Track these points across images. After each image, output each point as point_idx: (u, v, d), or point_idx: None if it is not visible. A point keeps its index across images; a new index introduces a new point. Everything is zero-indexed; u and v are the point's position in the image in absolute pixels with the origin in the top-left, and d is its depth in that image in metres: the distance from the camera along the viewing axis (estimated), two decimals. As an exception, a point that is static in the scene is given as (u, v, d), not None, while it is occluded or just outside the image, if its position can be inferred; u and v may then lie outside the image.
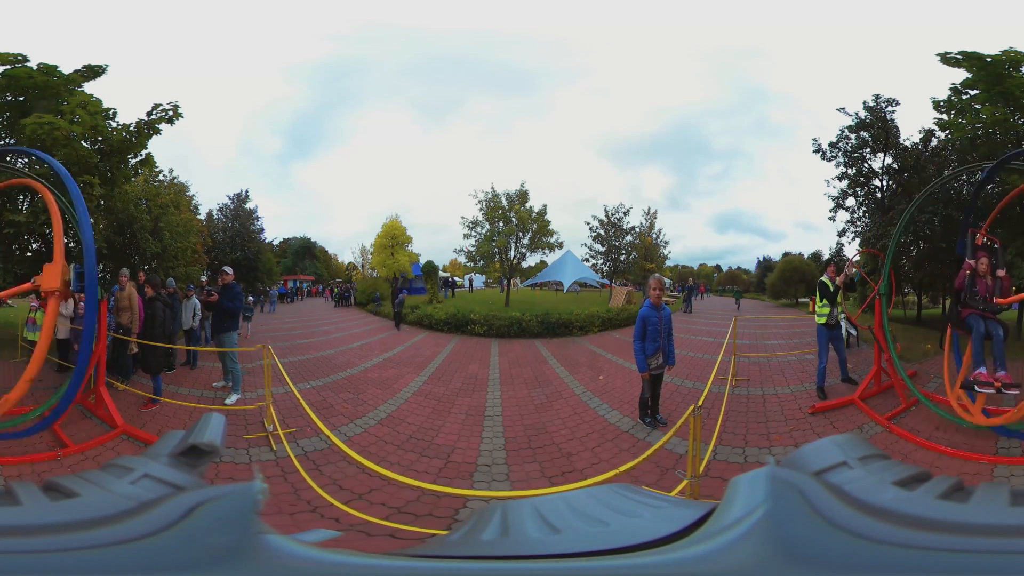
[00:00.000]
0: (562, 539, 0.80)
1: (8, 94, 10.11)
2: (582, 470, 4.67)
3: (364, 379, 8.47)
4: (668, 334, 5.71)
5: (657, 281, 5.74)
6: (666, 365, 5.71)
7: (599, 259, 23.56)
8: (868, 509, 0.64)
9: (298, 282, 36.87)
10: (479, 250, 20.49)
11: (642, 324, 5.54)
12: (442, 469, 4.75)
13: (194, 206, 18.79)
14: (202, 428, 0.90)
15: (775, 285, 27.22)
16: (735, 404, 6.33)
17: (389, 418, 6.28)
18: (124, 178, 11.75)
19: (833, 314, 6.97)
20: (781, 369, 8.34)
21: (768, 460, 0.83)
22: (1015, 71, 10.35)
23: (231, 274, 7.39)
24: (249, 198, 25.59)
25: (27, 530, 0.62)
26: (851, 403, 6.07)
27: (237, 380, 7.09)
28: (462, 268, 35.73)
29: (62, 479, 0.73)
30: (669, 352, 5.73)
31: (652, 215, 25.99)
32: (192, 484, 0.76)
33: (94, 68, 10.79)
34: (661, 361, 5.61)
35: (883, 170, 14.86)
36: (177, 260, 14.42)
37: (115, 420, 5.48)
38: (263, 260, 24.94)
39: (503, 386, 8.06)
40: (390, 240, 26.11)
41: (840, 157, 15.36)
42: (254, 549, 0.62)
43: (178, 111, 11.32)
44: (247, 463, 4.78)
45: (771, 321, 15.10)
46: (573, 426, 5.90)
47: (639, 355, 5.55)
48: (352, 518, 3.74)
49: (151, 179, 14.99)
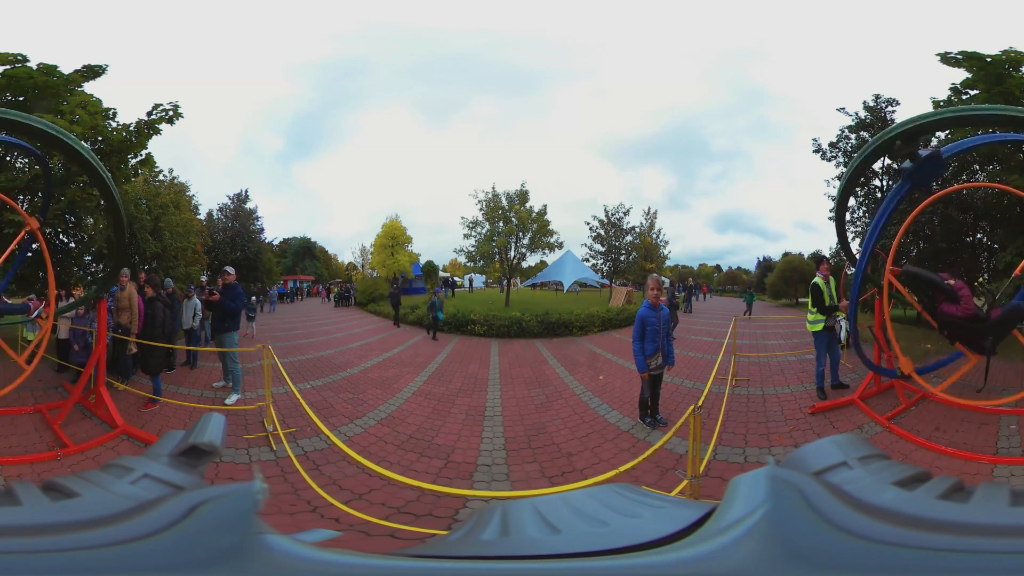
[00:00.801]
0: (562, 539, 0.80)
1: (8, 94, 10.10)
2: (582, 470, 4.67)
3: (364, 379, 8.47)
4: (667, 334, 5.70)
5: (655, 281, 5.73)
6: (666, 365, 5.70)
7: (599, 259, 23.56)
8: (868, 509, 0.64)
9: (298, 282, 36.84)
10: (479, 250, 20.51)
11: (641, 325, 5.54)
12: (442, 469, 4.75)
13: (194, 206, 18.79)
14: (202, 428, 0.90)
15: (775, 285, 27.23)
16: (735, 404, 6.33)
17: (389, 418, 6.28)
18: (124, 178, 11.75)
19: (829, 321, 6.79)
20: (781, 369, 8.34)
21: (768, 460, 0.83)
22: (1015, 71, 10.35)
23: (233, 274, 7.40)
24: (249, 198, 25.64)
25: (27, 530, 0.62)
26: (851, 403, 6.07)
27: (237, 380, 7.09)
28: (462, 268, 35.74)
29: (62, 479, 0.73)
30: (668, 352, 5.73)
31: (652, 215, 25.95)
32: (192, 484, 0.76)
33: (94, 68, 10.79)
34: (660, 361, 5.60)
35: (883, 170, 14.86)
36: (177, 260, 14.43)
37: (115, 420, 5.48)
38: (263, 260, 24.95)
39: (503, 386, 8.06)
40: (390, 240, 26.13)
41: (840, 157, 15.37)
42: (254, 549, 0.62)
43: (178, 111, 11.33)
44: (247, 463, 4.78)
45: (771, 321, 15.11)
46: (573, 426, 5.90)
47: (638, 356, 5.54)
48: (352, 518, 3.75)
49: (151, 179, 14.99)
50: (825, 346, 6.78)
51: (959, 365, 4.97)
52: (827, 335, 6.79)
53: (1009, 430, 4.90)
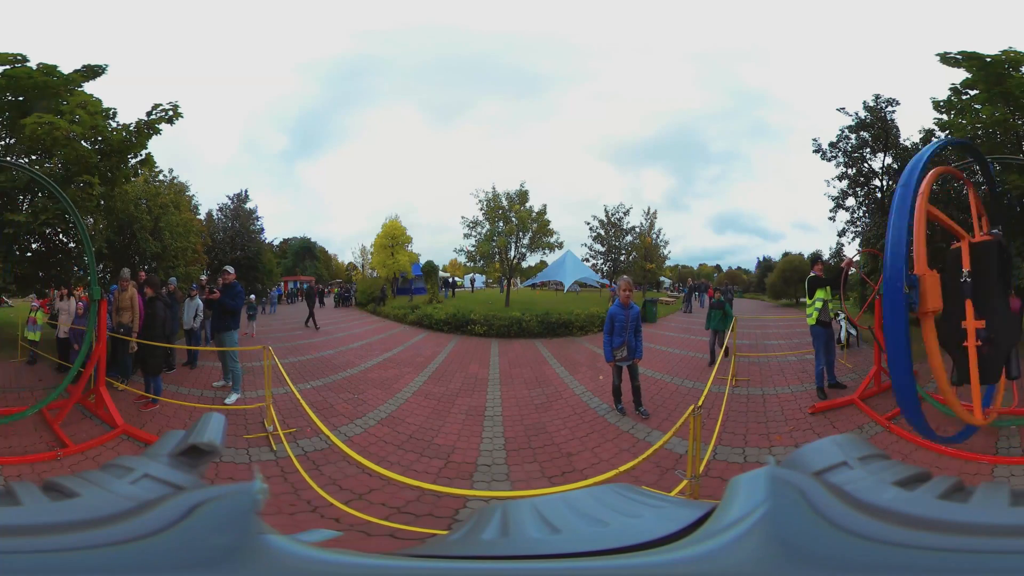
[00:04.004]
0: (562, 539, 0.80)
1: (8, 94, 10.10)
2: (582, 470, 4.66)
3: (364, 379, 8.47)
4: (635, 331, 6.18)
5: (626, 283, 6.39)
6: (633, 358, 6.18)
7: (599, 259, 23.57)
8: (868, 509, 0.64)
9: (298, 283, 36.78)
10: (479, 250, 20.49)
11: (610, 321, 6.16)
12: (442, 469, 4.75)
13: (194, 206, 18.78)
14: (202, 428, 0.90)
15: (775, 285, 27.26)
16: (735, 404, 6.33)
17: (389, 418, 6.28)
18: (124, 178, 11.74)
19: (826, 310, 6.78)
20: (781, 369, 8.34)
21: (768, 460, 0.83)
22: (1015, 71, 10.33)
23: (233, 274, 7.41)
24: (249, 198, 25.60)
25: (27, 530, 0.62)
26: (851, 403, 6.07)
27: (237, 380, 7.10)
28: (462, 268, 35.71)
29: (62, 479, 0.73)
30: (635, 347, 6.20)
31: (652, 215, 25.92)
32: (192, 484, 0.76)
33: (94, 68, 10.78)
34: (626, 354, 6.12)
35: (883, 170, 14.87)
36: (177, 260, 14.43)
37: (115, 420, 5.48)
38: (263, 260, 24.92)
39: (503, 386, 8.05)
40: (390, 240, 26.08)
41: (840, 157, 15.37)
42: (254, 549, 0.62)
43: (178, 111, 11.32)
44: (247, 463, 4.78)
45: (771, 321, 15.11)
46: (573, 426, 5.91)
47: (607, 347, 6.17)
48: (352, 518, 3.74)
49: (151, 179, 14.99)
50: (823, 345, 6.78)
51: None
52: (823, 333, 6.79)
53: (1009, 430, 4.90)
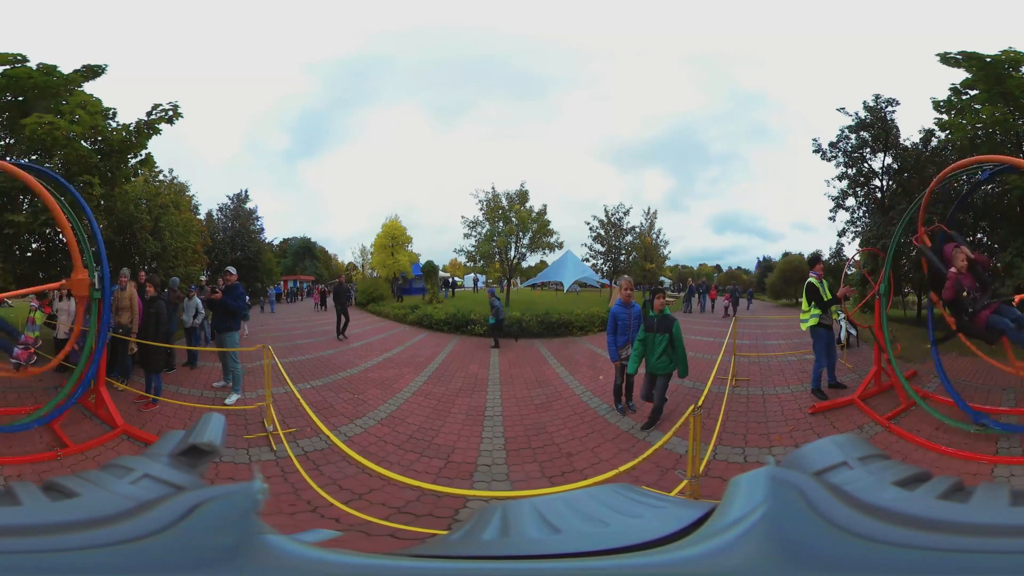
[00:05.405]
0: (562, 539, 0.80)
1: (8, 94, 10.10)
2: (582, 470, 4.66)
3: (364, 379, 8.46)
4: (637, 329, 6.15)
5: (627, 283, 6.49)
6: None
7: (599, 259, 23.54)
8: (868, 509, 0.64)
9: (298, 282, 36.78)
10: (479, 250, 20.49)
11: (613, 320, 6.23)
12: (442, 469, 4.75)
13: (194, 206, 18.76)
14: (202, 428, 0.90)
15: (775, 285, 27.24)
16: (735, 404, 6.33)
17: (389, 418, 6.28)
18: (124, 178, 11.73)
19: (825, 318, 6.75)
20: (781, 369, 8.34)
21: (768, 460, 0.83)
22: (1015, 71, 10.33)
23: (235, 274, 7.42)
24: (249, 198, 25.58)
25: (27, 530, 0.62)
26: (851, 403, 6.07)
27: (237, 380, 7.10)
28: (462, 268, 35.71)
29: (62, 479, 0.73)
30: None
31: (652, 215, 25.91)
32: (192, 484, 0.76)
33: (94, 68, 10.77)
34: (630, 352, 6.07)
35: (883, 170, 14.85)
36: (177, 260, 14.41)
37: (115, 420, 5.48)
38: (263, 260, 24.91)
39: (503, 386, 8.05)
40: (390, 240, 26.09)
41: (840, 157, 15.34)
42: (254, 549, 0.62)
43: (178, 111, 11.30)
44: (247, 463, 4.78)
45: (771, 321, 15.10)
46: (573, 426, 5.91)
47: (611, 346, 6.22)
48: (352, 518, 3.75)
49: (151, 179, 14.98)
50: (824, 346, 6.74)
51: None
52: (826, 334, 6.77)
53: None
